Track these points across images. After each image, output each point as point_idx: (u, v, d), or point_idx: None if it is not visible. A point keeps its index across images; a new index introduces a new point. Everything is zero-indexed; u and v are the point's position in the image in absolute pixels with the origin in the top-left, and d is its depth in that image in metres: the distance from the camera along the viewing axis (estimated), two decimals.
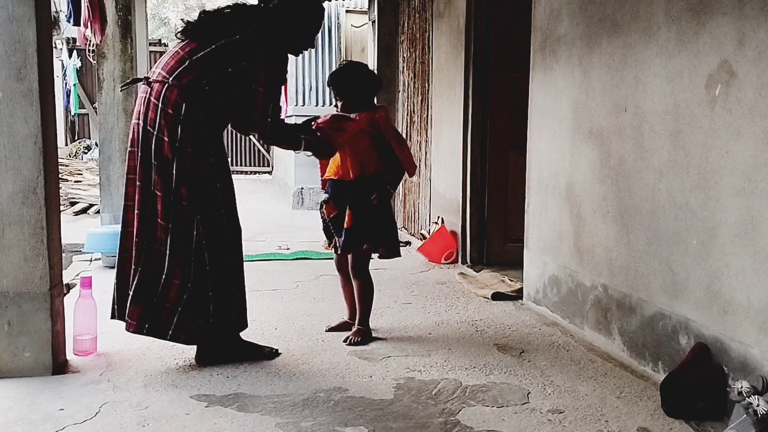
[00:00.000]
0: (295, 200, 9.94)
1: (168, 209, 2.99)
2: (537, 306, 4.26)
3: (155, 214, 3.01)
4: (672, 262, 2.95)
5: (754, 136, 2.48)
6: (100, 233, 5.53)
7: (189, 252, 3.03)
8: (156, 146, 2.98)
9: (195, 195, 3.01)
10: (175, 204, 2.99)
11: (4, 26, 2.91)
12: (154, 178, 2.99)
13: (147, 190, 3.01)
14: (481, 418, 2.62)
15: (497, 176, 5.47)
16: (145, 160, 3.00)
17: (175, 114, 2.97)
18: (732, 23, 2.58)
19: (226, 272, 3.13)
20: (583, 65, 3.65)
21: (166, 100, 2.97)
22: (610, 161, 3.42)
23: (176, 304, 3.04)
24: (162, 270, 3.02)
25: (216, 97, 3.03)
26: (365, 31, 9.99)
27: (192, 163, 2.99)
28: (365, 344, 3.52)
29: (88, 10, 5.71)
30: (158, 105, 2.98)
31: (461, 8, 5.51)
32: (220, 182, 3.09)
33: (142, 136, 3.01)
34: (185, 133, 2.97)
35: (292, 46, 3.29)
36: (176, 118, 2.97)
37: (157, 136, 2.97)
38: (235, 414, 2.66)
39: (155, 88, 3.01)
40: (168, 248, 3.01)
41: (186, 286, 3.03)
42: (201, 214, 3.03)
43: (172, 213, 3.00)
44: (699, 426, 2.56)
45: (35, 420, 2.59)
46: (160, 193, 2.99)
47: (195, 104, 2.99)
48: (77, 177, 10.62)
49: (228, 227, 3.13)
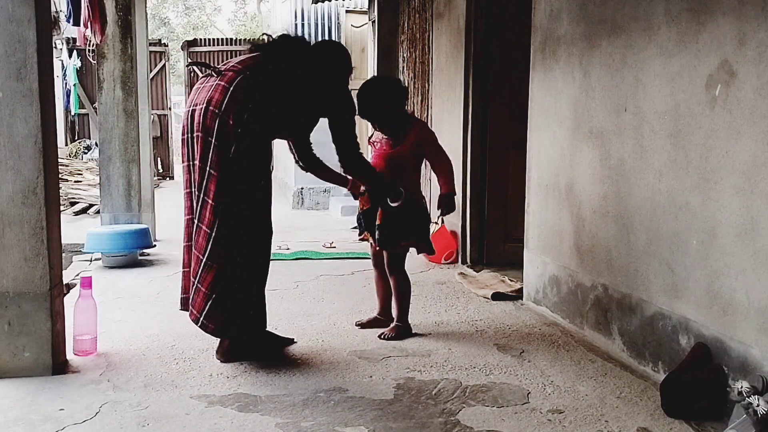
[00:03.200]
0: (295, 200, 9.93)
1: (221, 189, 3.05)
2: (537, 306, 4.26)
3: (208, 194, 3.07)
4: (672, 262, 2.95)
5: (754, 136, 2.48)
6: (100, 233, 5.54)
7: (234, 234, 3.09)
8: (219, 126, 3.02)
9: (246, 179, 3.08)
10: (229, 183, 3.05)
11: (4, 26, 2.91)
12: (212, 158, 3.04)
13: (204, 170, 3.07)
14: (481, 418, 2.62)
15: (497, 176, 5.47)
16: (204, 140, 3.06)
17: (245, 99, 3.04)
18: (732, 23, 2.58)
19: (256, 269, 3.20)
20: (583, 65, 3.65)
21: (239, 85, 3.05)
22: (610, 161, 3.42)
23: (212, 291, 3.09)
24: (204, 252, 3.07)
25: (272, 100, 3.14)
26: (365, 31, 9.99)
27: (250, 149, 3.07)
28: (401, 339, 3.57)
29: (88, 10, 5.70)
30: (229, 89, 3.04)
31: (461, 8, 5.51)
32: (265, 180, 3.19)
33: (203, 117, 3.05)
34: (251, 119, 3.04)
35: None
36: (245, 104, 3.03)
37: (222, 117, 3.02)
38: (235, 414, 2.66)
39: (228, 76, 3.09)
40: (215, 230, 3.06)
41: (223, 273, 3.08)
42: (246, 200, 3.10)
43: (224, 193, 3.05)
44: (699, 426, 2.56)
45: (35, 420, 2.59)
46: (216, 172, 3.04)
47: (263, 97, 3.08)
48: (77, 177, 10.61)
49: (263, 223, 3.21)
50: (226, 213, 3.06)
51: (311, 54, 3.32)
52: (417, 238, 3.67)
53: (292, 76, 3.20)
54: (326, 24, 10.64)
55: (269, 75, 3.15)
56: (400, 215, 3.53)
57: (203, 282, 3.09)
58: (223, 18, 29.77)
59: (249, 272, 3.16)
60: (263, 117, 3.09)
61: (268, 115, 3.12)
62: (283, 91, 3.16)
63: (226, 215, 3.06)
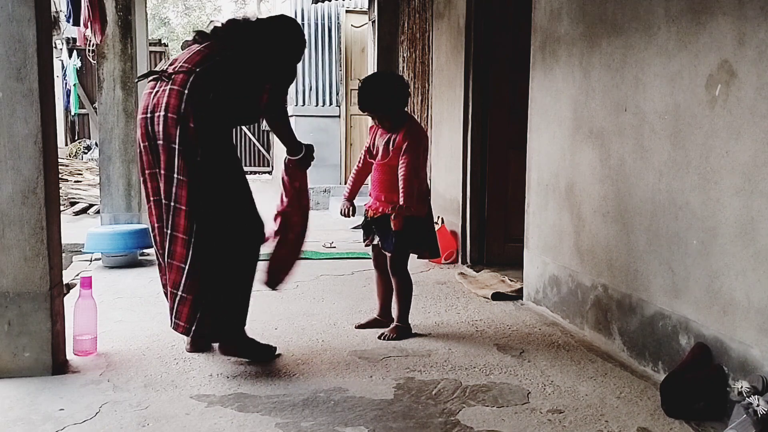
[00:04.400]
0: None
1: (193, 193, 2.97)
2: (537, 306, 4.26)
3: (179, 201, 2.98)
4: (672, 262, 2.95)
5: (754, 136, 2.48)
6: (100, 233, 5.54)
7: (215, 237, 3.03)
8: (181, 132, 2.95)
9: (217, 179, 3.02)
10: (201, 187, 2.98)
11: (4, 26, 2.91)
12: (178, 164, 2.97)
13: (170, 178, 2.99)
14: (481, 418, 2.62)
15: (497, 176, 5.47)
16: (167, 147, 2.98)
17: (201, 99, 2.97)
18: (732, 23, 2.58)
19: (243, 269, 3.18)
20: (583, 65, 3.65)
21: (193, 86, 2.97)
22: (610, 161, 3.42)
23: (199, 297, 3.04)
24: (185, 260, 3.01)
25: (229, 92, 3.06)
26: (365, 31, 9.99)
27: (216, 147, 3.01)
28: (401, 340, 3.58)
29: (88, 10, 5.70)
30: (183, 92, 2.97)
31: (461, 8, 5.51)
32: (236, 173, 3.13)
33: (164, 125, 2.97)
34: (211, 118, 2.99)
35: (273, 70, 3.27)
36: (202, 104, 2.97)
37: (182, 122, 2.95)
38: (235, 414, 2.66)
39: (179, 79, 3.01)
40: (193, 235, 2.99)
41: (208, 277, 3.03)
42: (222, 200, 3.04)
43: (197, 196, 2.98)
44: (699, 426, 2.56)
45: (35, 420, 2.59)
46: (185, 178, 2.97)
47: (219, 93, 3.01)
48: (77, 177, 10.61)
49: (246, 219, 3.17)
50: (203, 216, 2.99)
51: (261, 35, 3.22)
52: (429, 248, 3.74)
53: (245, 62, 3.11)
54: (326, 24, 10.64)
55: (220, 67, 3.05)
56: (414, 224, 3.56)
57: (189, 290, 3.02)
58: (223, 18, 29.79)
59: (236, 273, 3.12)
60: (222, 111, 3.03)
61: (227, 107, 3.05)
62: (239, 80, 3.08)
63: (202, 219, 2.99)
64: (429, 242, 3.73)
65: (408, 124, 3.58)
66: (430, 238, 3.73)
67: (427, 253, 3.78)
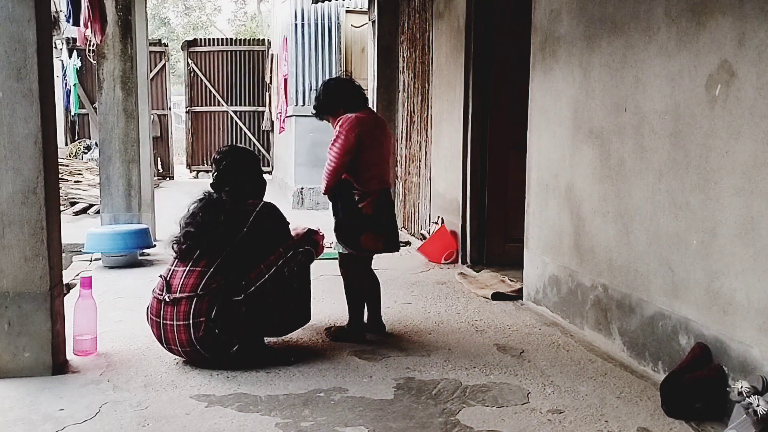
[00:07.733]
0: (295, 200, 9.94)
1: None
2: (537, 306, 4.26)
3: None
4: (672, 262, 2.95)
5: (754, 136, 2.48)
6: (100, 233, 5.54)
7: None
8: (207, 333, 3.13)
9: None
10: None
11: (4, 26, 2.91)
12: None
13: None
14: (481, 418, 2.62)
15: (497, 176, 5.47)
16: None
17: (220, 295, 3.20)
18: (732, 23, 2.58)
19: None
20: (583, 65, 3.65)
21: (198, 304, 3.17)
22: (610, 161, 3.42)
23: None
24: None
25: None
26: (365, 31, 9.99)
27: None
28: (337, 341, 3.57)
29: (88, 10, 5.70)
30: (192, 320, 3.15)
31: (461, 8, 5.51)
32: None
33: (195, 332, 3.09)
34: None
35: None
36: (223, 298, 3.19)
37: (208, 325, 3.12)
38: (235, 414, 2.66)
39: (183, 305, 3.17)
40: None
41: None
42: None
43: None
44: (699, 426, 2.56)
45: (35, 420, 2.59)
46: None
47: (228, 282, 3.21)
48: (77, 177, 10.61)
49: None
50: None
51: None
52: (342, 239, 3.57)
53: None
54: (326, 24, 10.64)
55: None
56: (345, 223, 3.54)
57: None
58: (223, 18, 29.77)
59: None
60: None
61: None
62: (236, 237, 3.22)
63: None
64: (354, 236, 3.52)
65: (343, 119, 3.53)
66: (357, 232, 3.52)
67: (377, 246, 3.58)
